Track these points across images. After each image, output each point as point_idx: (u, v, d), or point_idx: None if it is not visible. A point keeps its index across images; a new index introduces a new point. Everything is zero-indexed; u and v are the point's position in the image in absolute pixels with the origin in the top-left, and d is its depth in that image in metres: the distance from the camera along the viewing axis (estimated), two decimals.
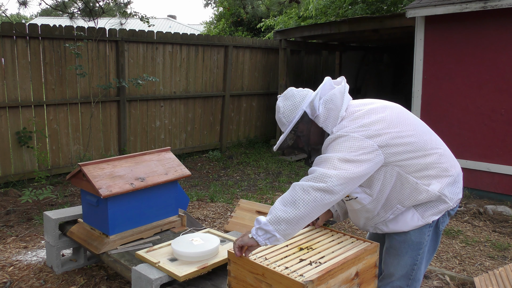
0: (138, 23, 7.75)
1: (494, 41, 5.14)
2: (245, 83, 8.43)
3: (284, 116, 1.99)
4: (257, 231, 1.79)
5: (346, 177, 1.77)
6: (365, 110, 1.94)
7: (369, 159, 1.82)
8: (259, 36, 14.42)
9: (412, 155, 1.90)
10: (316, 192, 1.74)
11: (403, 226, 2.01)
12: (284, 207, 1.76)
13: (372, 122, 1.88)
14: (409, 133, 1.92)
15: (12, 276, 3.18)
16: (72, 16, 6.36)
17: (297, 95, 2.00)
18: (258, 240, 1.79)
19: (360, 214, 2.08)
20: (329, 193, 1.75)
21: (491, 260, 3.71)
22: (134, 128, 6.79)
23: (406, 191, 1.94)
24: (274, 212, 1.78)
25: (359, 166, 1.79)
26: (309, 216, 1.77)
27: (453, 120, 5.48)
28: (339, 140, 1.86)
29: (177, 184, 3.25)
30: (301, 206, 1.74)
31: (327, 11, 10.89)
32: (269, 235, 1.77)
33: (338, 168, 1.77)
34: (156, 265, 2.38)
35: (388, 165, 1.89)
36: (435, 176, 1.95)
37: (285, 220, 1.75)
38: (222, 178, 6.42)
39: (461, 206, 5.01)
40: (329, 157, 1.82)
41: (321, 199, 1.74)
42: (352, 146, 1.82)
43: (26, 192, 4.48)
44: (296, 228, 1.78)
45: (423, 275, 2.13)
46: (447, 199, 1.97)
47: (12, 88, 5.47)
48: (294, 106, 1.98)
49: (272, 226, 1.76)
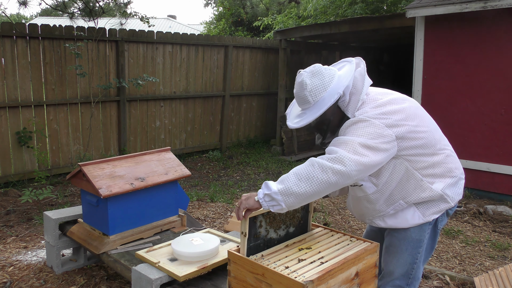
0: (138, 23, 7.75)
1: (494, 41, 5.14)
2: (245, 83, 8.43)
3: (311, 94, 1.91)
4: (265, 197, 1.77)
5: (365, 164, 1.74)
6: (386, 99, 1.93)
7: (387, 149, 1.81)
8: (259, 36, 14.41)
9: (422, 151, 1.90)
10: (333, 174, 1.71)
11: (402, 223, 2.01)
12: (298, 181, 1.73)
13: (393, 111, 1.86)
14: (423, 129, 1.92)
15: (12, 276, 3.18)
16: (72, 16, 6.36)
17: (325, 74, 1.93)
18: (262, 205, 1.78)
19: (361, 203, 2.06)
20: (345, 176, 1.72)
21: (491, 260, 3.71)
22: (134, 128, 6.79)
23: (410, 187, 1.93)
24: (286, 183, 1.75)
25: (377, 155, 1.78)
26: (318, 194, 1.75)
27: (453, 120, 5.48)
28: (360, 124, 1.83)
29: (177, 184, 3.25)
30: (315, 184, 1.72)
31: (327, 11, 10.88)
32: (275, 203, 1.76)
33: (359, 153, 1.74)
34: (156, 265, 2.38)
35: (399, 158, 1.89)
36: (439, 175, 1.95)
37: (296, 194, 1.73)
38: (222, 178, 6.42)
39: (461, 206, 5.01)
40: (350, 140, 1.79)
41: (335, 181, 1.72)
42: (373, 133, 1.79)
43: (26, 192, 4.48)
44: (303, 202, 1.77)
45: (421, 274, 2.13)
46: (448, 198, 1.97)
47: (12, 88, 5.47)
48: (323, 85, 1.91)
49: (282, 196, 1.74)
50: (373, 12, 9.96)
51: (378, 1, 10.15)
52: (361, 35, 8.03)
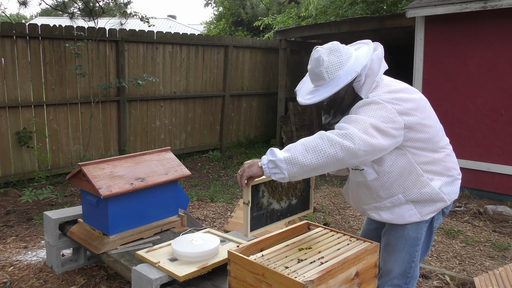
0: (138, 23, 7.75)
1: (494, 41, 5.14)
2: (245, 83, 8.44)
3: (327, 71, 1.89)
4: (269, 163, 1.74)
5: (373, 145, 1.72)
6: (400, 86, 1.93)
7: (395, 136, 1.80)
8: (259, 36, 14.41)
9: (425, 146, 1.91)
10: (341, 150, 1.68)
11: (398, 219, 2.00)
12: (305, 152, 1.70)
13: (405, 99, 1.86)
14: (430, 123, 1.93)
15: (12, 276, 3.18)
16: (72, 16, 6.36)
17: (343, 52, 1.91)
18: (264, 171, 1.75)
19: (359, 190, 2.05)
20: (352, 154, 1.69)
21: (491, 260, 3.71)
22: (134, 128, 6.79)
23: (411, 181, 1.93)
24: (293, 152, 1.71)
25: (386, 139, 1.76)
26: (322, 169, 1.73)
27: (453, 120, 5.48)
28: (373, 106, 1.81)
29: (177, 184, 3.25)
30: (322, 157, 1.69)
31: (327, 11, 10.88)
32: (278, 171, 1.73)
33: (369, 134, 1.72)
34: (156, 265, 2.38)
35: (402, 148, 1.89)
36: (438, 173, 1.96)
37: (301, 165, 1.70)
38: (222, 178, 6.42)
39: (461, 206, 5.01)
40: (361, 119, 1.76)
41: (342, 157, 1.69)
42: (385, 116, 1.78)
43: (26, 192, 4.48)
44: (305, 175, 1.74)
45: (418, 273, 2.14)
46: (445, 197, 1.98)
47: (12, 88, 5.47)
48: (340, 63, 1.89)
49: (286, 165, 1.70)
50: (374, 13, 9.96)
51: (378, 1, 10.15)
52: (361, 35, 8.01)
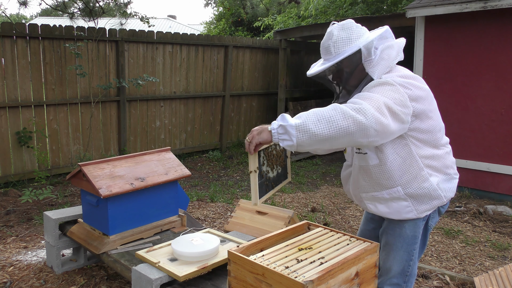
0: (138, 23, 7.75)
1: (494, 41, 5.14)
2: (245, 83, 8.44)
3: (334, 45, 1.91)
4: (279, 128, 1.71)
5: (383, 125, 1.69)
6: (412, 74, 1.94)
7: (403, 121, 1.79)
8: (259, 36, 14.41)
9: (427, 138, 1.92)
10: (353, 124, 1.65)
11: (394, 214, 2.01)
12: (318, 122, 1.66)
13: (417, 86, 1.87)
14: (434, 117, 1.95)
15: (12, 276, 3.18)
16: (72, 16, 6.36)
17: (355, 30, 1.92)
18: (273, 136, 1.72)
19: (359, 175, 2.05)
20: (363, 130, 1.66)
21: (491, 260, 3.71)
22: (134, 128, 6.79)
23: (411, 174, 1.93)
24: (304, 119, 1.68)
25: (395, 123, 1.75)
26: (331, 142, 1.69)
27: (453, 120, 5.48)
28: (387, 87, 1.81)
29: (177, 184, 3.25)
30: (333, 129, 1.66)
31: (327, 11, 10.88)
32: (287, 138, 1.69)
33: (382, 112, 1.70)
34: (156, 265, 2.38)
35: (406, 138, 1.89)
36: (437, 169, 1.98)
37: (311, 133, 1.66)
38: (222, 178, 6.42)
39: (461, 206, 5.01)
40: (375, 97, 1.74)
41: (353, 132, 1.66)
42: (398, 99, 1.77)
43: (26, 192, 4.48)
44: (313, 145, 1.70)
45: (416, 271, 2.15)
46: (442, 194, 1.98)
47: (12, 88, 5.47)
48: (349, 39, 1.90)
49: (296, 131, 1.67)
50: (374, 13, 9.96)
51: (379, 1, 10.14)
52: None
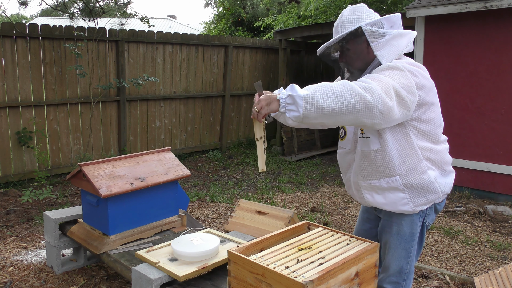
0: (138, 23, 7.75)
1: (494, 41, 5.14)
2: (245, 83, 8.44)
3: (341, 25, 1.96)
4: (287, 98, 1.70)
5: (388, 107, 1.69)
6: (420, 65, 1.96)
7: (409, 108, 1.80)
8: (259, 36, 14.41)
9: (427, 129, 1.94)
10: (360, 102, 1.65)
11: (390, 205, 2.01)
12: (326, 95, 1.66)
13: (424, 76, 1.89)
14: (436, 110, 1.97)
15: (12, 276, 3.18)
16: (72, 16, 6.36)
17: (365, 13, 1.96)
18: (281, 105, 1.71)
19: (360, 160, 2.04)
20: (369, 111, 1.66)
21: (491, 260, 3.71)
22: (134, 128, 6.79)
23: (411, 164, 1.94)
24: (313, 91, 1.67)
25: (400, 108, 1.75)
26: (336, 117, 1.68)
27: (453, 120, 5.48)
28: (396, 72, 1.81)
29: (177, 184, 3.25)
30: (340, 104, 1.65)
31: (327, 11, 10.88)
32: (294, 108, 1.68)
33: (388, 94, 1.69)
34: (156, 265, 2.38)
35: (407, 126, 1.90)
36: (435, 163, 1.99)
37: (319, 106, 1.66)
38: (222, 178, 6.42)
39: (461, 206, 5.01)
40: (385, 79, 1.74)
41: (359, 110, 1.66)
42: (405, 84, 1.77)
43: (26, 192, 4.48)
44: (318, 119, 1.69)
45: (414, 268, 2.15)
46: (439, 188, 1.99)
47: (12, 88, 5.47)
48: (355, 20, 1.93)
49: (304, 102, 1.66)
50: None
51: (379, 1, 10.14)
52: None
